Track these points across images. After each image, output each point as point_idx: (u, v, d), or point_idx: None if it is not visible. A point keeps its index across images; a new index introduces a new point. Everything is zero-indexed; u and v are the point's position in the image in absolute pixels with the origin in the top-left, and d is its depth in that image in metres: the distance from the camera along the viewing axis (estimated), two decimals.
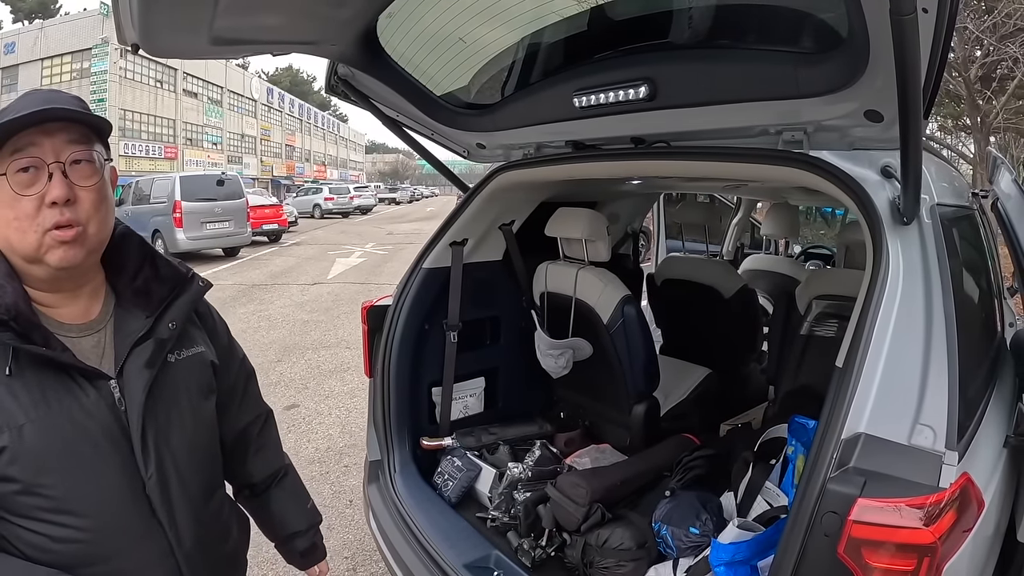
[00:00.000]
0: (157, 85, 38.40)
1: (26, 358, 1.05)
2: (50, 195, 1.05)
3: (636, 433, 2.87)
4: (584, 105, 2.01)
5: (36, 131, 1.05)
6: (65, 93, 1.13)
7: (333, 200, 31.92)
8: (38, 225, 1.05)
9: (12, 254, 1.09)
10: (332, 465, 4.53)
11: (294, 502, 1.62)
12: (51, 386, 1.06)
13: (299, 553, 1.63)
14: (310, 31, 1.99)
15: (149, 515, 1.16)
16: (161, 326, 1.20)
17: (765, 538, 1.82)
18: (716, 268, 3.75)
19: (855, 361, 1.39)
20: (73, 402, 1.08)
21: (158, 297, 1.22)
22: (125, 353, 1.16)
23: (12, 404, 1.03)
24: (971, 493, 1.37)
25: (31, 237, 1.06)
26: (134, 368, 1.15)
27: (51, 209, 1.05)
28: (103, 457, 1.10)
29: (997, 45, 12.70)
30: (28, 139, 1.04)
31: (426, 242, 2.87)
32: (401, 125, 2.64)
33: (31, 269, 1.10)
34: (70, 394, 1.08)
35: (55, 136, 1.06)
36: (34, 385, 1.05)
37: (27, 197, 1.05)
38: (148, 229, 14.88)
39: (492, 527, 2.49)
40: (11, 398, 1.03)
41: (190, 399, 1.26)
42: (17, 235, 1.06)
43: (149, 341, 1.18)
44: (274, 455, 1.61)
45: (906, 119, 1.24)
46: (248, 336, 8.01)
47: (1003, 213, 2.20)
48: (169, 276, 1.25)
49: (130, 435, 1.13)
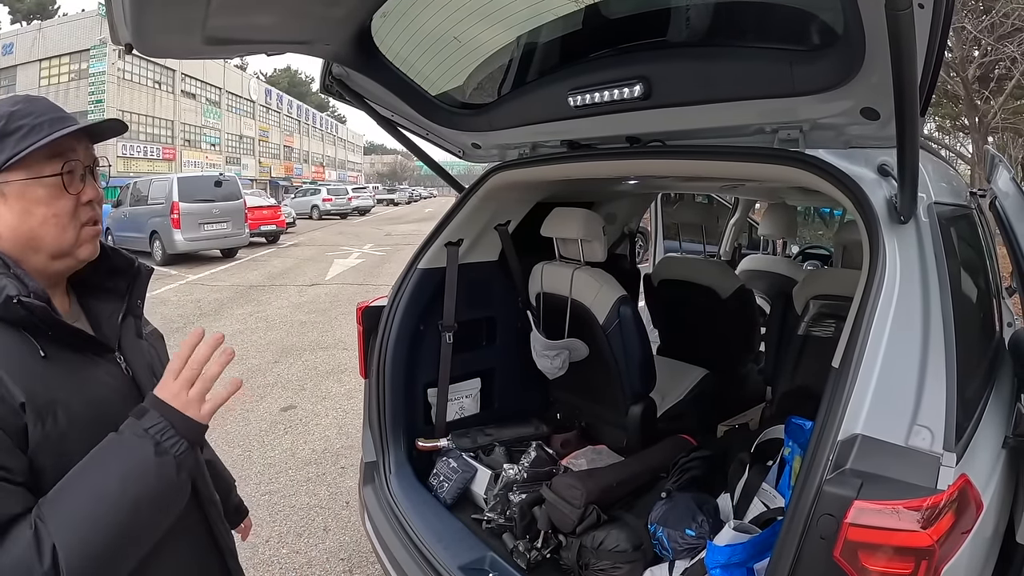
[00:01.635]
0: (155, 86, 38.40)
1: (51, 341, 1.11)
2: (87, 195, 1.17)
3: (633, 434, 2.86)
4: (579, 104, 2.00)
5: (70, 138, 1.14)
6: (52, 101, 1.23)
7: (331, 201, 31.84)
8: (76, 221, 1.17)
9: (36, 252, 1.14)
10: (329, 466, 4.51)
11: (215, 466, 1.70)
12: (78, 364, 1.15)
13: (235, 508, 1.77)
14: (304, 31, 1.98)
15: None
16: (132, 304, 1.33)
17: (761, 540, 1.81)
18: (713, 268, 3.74)
19: (851, 361, 1.38)
20: (99, 374, 1.18)
21: (124, 281, 1.33)
22: (118, 329, 1.28)
23: (55, 383, 1.09)
24: (969, 495, 1.35)
25: (70, 233, 1.16)
26: (129, 340, 1.30)
27: (85, 207, 1.18)
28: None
29: (995, 45, 12.72)
30: (67, 145, 1.14)
31: (421, 242, 2.86)
32: (396, 125, 2.64)
33: (50, 265, 1.17)
34: (94, 368, 1.18)
35: (83, 142, 1.18)
36: (65, 365, 1.12)
37: (70, 196, 1.15)
38: (146, 230, 14.92)
39: (488, 529, 2.49)
40: (53, 378, 1.09)
41: (163, 365, 1.36)
42: (56, 231, 1.14)
43: (130, 317, 1.32)
44: None
45: (902, 116, 1.23)
46: (246, 337, 7.99)
47: (1001, 212, 2.19)
48: (124, 264, 1.35)
49: (143, 397, 1.20)
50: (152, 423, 1.07)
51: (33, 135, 1.10)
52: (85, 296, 1.30)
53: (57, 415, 1.06)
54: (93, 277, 1.30)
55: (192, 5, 1.56)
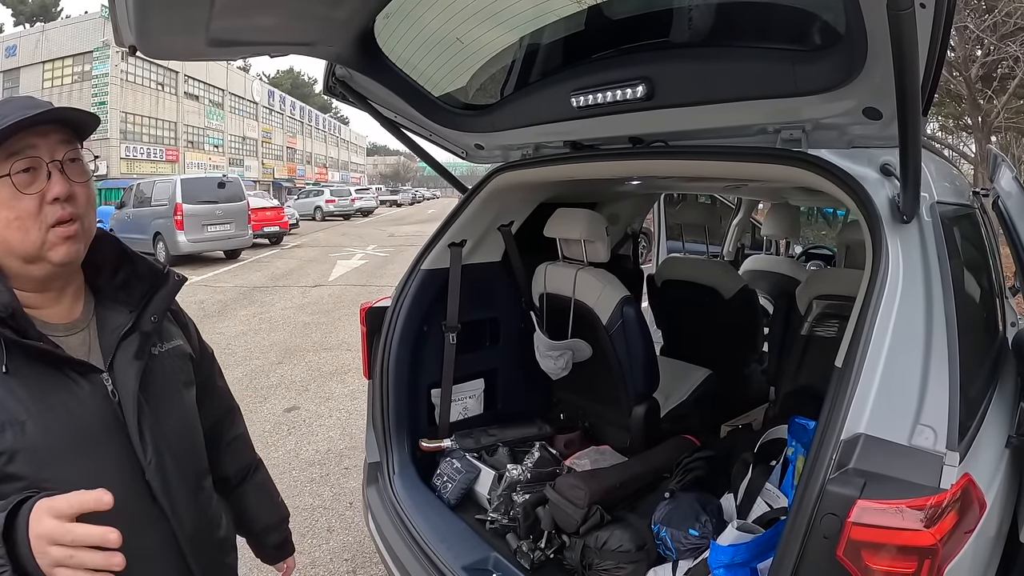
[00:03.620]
0: (158, 88, 38.44)
1: (21, 356, 1.06)
2: (52, 192, 1.09)
3: (636, 434, 2.86)
4: (582, 105, 2.00)
5: (30, 133, 1.08)
6: (40, 99, 1.17)
7: (334, 202, 31.92)
8: (41, 222, 1.09)
9: (8, 256, 1.10)
10: (332, 467, 4.52)
11: (266, 496, 1.65)
12: (47, 382, 1.09)
13: (272, 547, 1.66)
14: (307, 32, 1.99)
15: (151, 501, 1.19)
16: (144, 320, 1.24)
17: (764, 540, 1.81)
18: (716, 269, 3.74)
19: (854, 361, 1.38)
20: (70, 396, 1.10)
21: (139, 293, 1.26)
22: (113, 347, 1.19)
23: (12, 402, 1.04)
24: (973, 494, 1.35)
25: (34, 235, 1.09)
26: (124, 360, 1.19)
27: (52, 206, 1.09)
28: (103, 448, 1.13)
29: (998, 44, 12.69)
30: (25, 141, 1.08)
31: (425, 243, 2.87)
32: (399, 126, 2.64)
33: (27, 270, 1.12)
34: (66, 389, 1.10)
35: (48, 137, 1.10)
36: (31, 382, 1.07)
37: (29, 196, 1.08)
38: (149, 232, 14.92)
39: (491, 529, 2.49)
40: (10, 396, 1.05)
41: (176, 389, 1.31)
42: (19, 234, 1.08)
43: (135, 335, 1.22)
44: (246, 449, 1.65)
45: (904, 116, 1.23)
46: (249, 338, 8.00)
47: (1004, 211, 2.18)
48: (147, 272, 1.29)
49: (126, 425, 1.16)
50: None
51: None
52: (100, 305, 1.25)
53: (6, 434, 1.02)
54: (107, 284, 1.26)
55: (196, 7, 1.57)
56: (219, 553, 1.42)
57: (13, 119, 1.06)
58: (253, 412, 5.51)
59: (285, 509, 1.70)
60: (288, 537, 1.70)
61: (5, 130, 1.05)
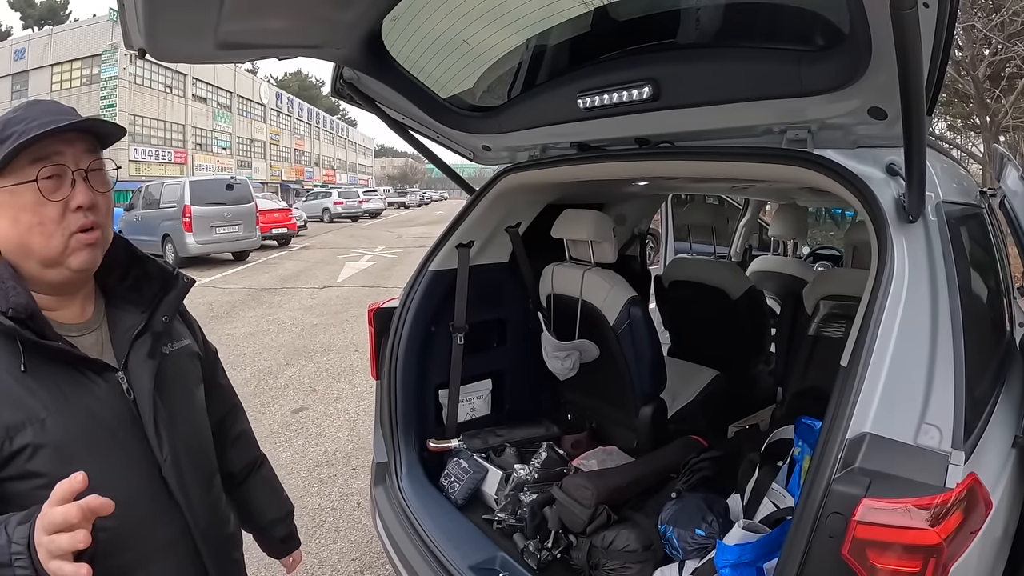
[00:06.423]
0: (167, 90, 38.58)
1: (40, 356, 1.09)
2: (76, 200, 1.11)
3: (643, 435, 2.86)
4: (588, 106, 2.01)
5: (57, 140, 1.10)
6: (65, 105, 1.19)
7: (342, 204, 31.95)
8: (64, 229, 1.11)
9: (27, 259, 1.13)
10: (340, 468, 4.54)
11: (271, 491, 1.70)
12: (65, 381, 1.11)
13: (279, 540, 1.70)
14: (315, 35, 2.00)
15: (167, 497, 1.23)
16: (155, 320, 1.27)
17: (771, 540, 1.81)
18: (724, 269, 3.74)
19: (860, 360, 1.39)
20: (88, 394, 1.13)
21: (150, 294, 1.29)
22: (127, 347, 1.22)
23: (32, 400, 1.07)
24: (978, 493, 1.35)
25: (56, 240, 1.11)
26: (137, 359, 1.22)
27: (75, 214, 1.12)
28: (121, 444, 1.17)
29: (1005, 43, 12.60)
30: (51, 148, 1.10)
31: (432, 245, 2.88)
32: (407, 128, 2.65)
33: (44, 274, 1.14)
34: (83, 387, 1.13)
35: (75, 145, 1.13)
36: (50, 380, 1.09)
37: (53, 203, 1.10)
38: (158, 233, 14.98)
39: (498, 529, 2.50)
40: (30, 394, 1.07)
41: (186, 387, 1.36)
42: (42, 239, 1.11)
43: (147, 335, 1.25)
44: (250, 445, 1.69)
45: (909, 116, 1.24)
46: (257, 339, 8.04)
47: (1010, 210, 2.18)
48: (157, 273, 1.32)
49: (142, 422, 1.19)
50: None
51: (17, 141, 1.06)
52: (112, 305, 1.28)
53: (26, 431, 1.05)
54: (118, 286, 1.28)
55: (205, 10, 1.58)
56: (229, 548, 1.46)
57: (42, 124, 1.08)
58: (261, 413, 5.53)
59: (290, 503, 1.74)
60: (293, 531, 1.73)
61: (38, 136, 1.07)
